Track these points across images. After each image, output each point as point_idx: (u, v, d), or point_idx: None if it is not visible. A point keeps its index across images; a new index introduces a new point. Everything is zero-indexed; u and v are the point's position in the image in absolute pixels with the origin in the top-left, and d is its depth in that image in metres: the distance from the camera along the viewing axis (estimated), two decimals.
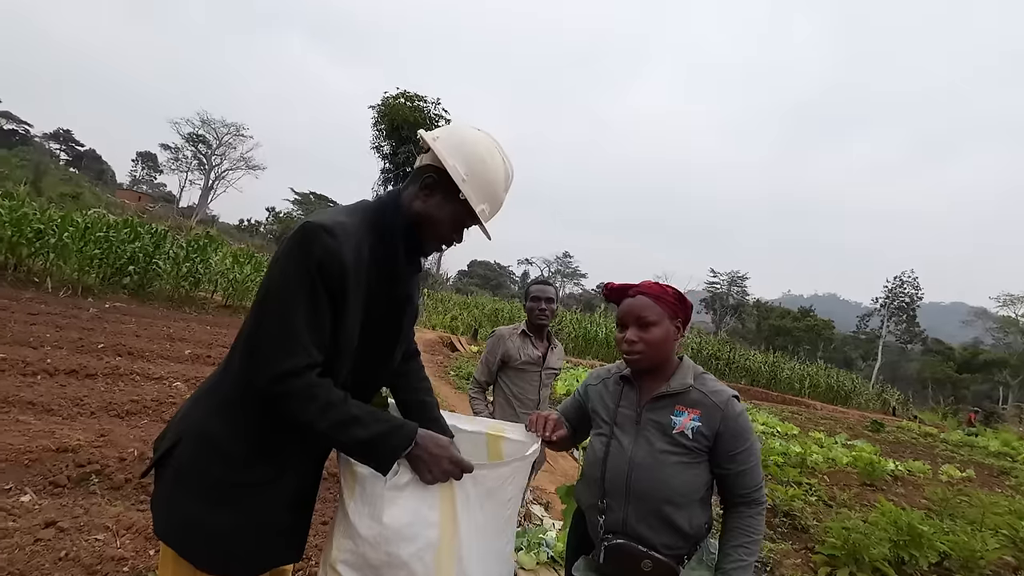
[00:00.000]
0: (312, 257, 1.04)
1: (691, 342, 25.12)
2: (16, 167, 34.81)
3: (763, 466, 6.26)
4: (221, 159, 53.31)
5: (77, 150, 63.99)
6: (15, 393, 4.12)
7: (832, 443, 10.04)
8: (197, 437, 1.11)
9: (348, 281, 1.07)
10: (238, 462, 1.10)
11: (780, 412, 16.04)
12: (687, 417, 1.38)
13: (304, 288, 1.05)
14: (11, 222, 10.06)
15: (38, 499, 2.63)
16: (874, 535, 3.76)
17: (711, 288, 62.00)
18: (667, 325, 1.42)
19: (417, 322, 1.38)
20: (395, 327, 1.26)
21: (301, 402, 1.04)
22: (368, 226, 1.15)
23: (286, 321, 1.04)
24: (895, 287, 50.94)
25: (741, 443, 1.39)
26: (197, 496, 1.09)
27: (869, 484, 7.07)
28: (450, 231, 1.22)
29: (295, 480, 1.16)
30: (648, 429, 1.42)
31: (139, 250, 11.66)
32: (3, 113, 53.41)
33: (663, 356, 1.43)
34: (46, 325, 6.86)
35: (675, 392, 1.41)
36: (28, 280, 9.96)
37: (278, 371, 1.02)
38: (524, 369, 2.56)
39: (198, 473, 1.09)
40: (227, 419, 1.11)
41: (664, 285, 1.46)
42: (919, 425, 18.94)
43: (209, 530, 1.08)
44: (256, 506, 1.11)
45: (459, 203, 1.17)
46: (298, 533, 1.22)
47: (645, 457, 1.39)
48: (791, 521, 4.84)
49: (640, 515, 1.39)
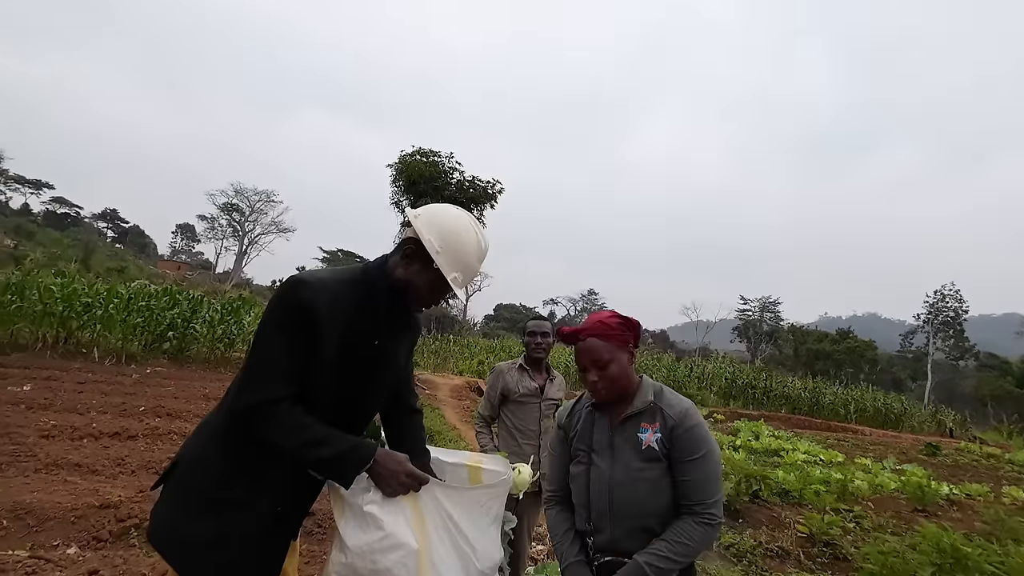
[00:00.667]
0: (289, 306, 1.25)
1: (724, 372, 24.37)
2: (68, 247, 37.44)
3: (800, 495, 6.05)
4: (254, 225, 56.18)
5: (122, 227, 68.39)
6: (64, 456, 4.40)
7: (879, 469, 9.54)
8: (191, 459, 1.31)
9: (321, 328, 1.25)
10: (220, 480, 1.27)
11: (824, 439, 15.29)
12: (651, 432, 1.48)
13: (281, 331, 1.25)
14: (63, 298, 10.82)
15: (82, 552, 2.82)
16: (914, 559, 3.60)
17: (742, 316, 60.52)
18: (621, 357, 1.51)
19: (444, 369, 1.57)
20: (370, 374, 1.40)
21: (273, 425, 1.22)
22: (350, 284, 1.34)
23: (264, 359, 1.25)
24: (936, 301, 48.77)
25: (692, 453, 1.44)
26: (182, 508, 1.27)
27: (921, 510, 6.68)
28: (428, 294, 1.40)
29: (273, 501, 1.30)
30: (622, 449, 1.51)
31: (177, 316, 12.27)
32: (57, 199, 57.92)
33: (624, 384, 1.53)
34: (92, 392, 7.27)
35: (639, 411, 1.51)
36: (77, 351, 10.58)
37: (256, 399, 1.22)
38: (523, 401, 2.67)
39: (185, 489, 1.28)
40: (216, 444, 1.30)
41: (608, 319, 1.54)
42: (980, 446, 17.70)
43: (188, 538, 1.24)
44: (233, 521, 1.26)
45: (434, 271, 1.35)
46: (275, 552, 1.35)
47: (623, 477, 1.47)
48: (831, 551, 4.64)
49: (626, 532, 1.46)
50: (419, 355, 19.91)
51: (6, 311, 10.38)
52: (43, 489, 3.60)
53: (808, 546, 4.71)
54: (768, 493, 6.12)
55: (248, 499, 1.28)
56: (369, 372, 1.40)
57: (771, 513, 5.63)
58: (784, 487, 6.38)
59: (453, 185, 14.26)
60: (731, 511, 5.56)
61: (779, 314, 60.12)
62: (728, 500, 5.69)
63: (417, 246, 1.36)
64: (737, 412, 19.54)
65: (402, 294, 1.38)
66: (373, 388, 1.43)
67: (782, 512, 5.62)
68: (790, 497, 6.24)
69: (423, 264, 1.36)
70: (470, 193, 14.42)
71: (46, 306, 10.66)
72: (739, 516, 5.47)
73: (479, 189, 14.54)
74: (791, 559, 4.45)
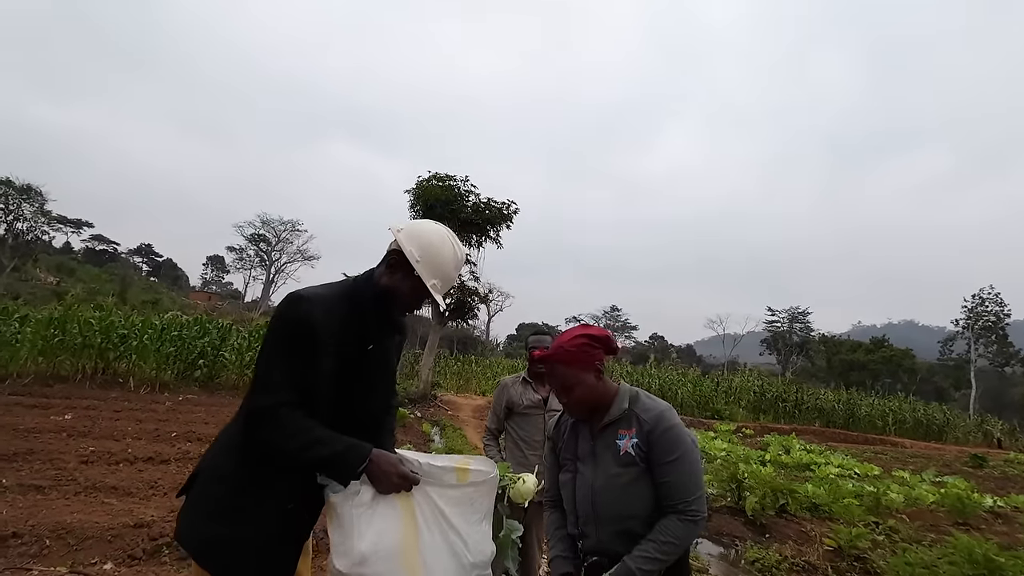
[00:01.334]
0: (289, 320, 1.39)
1: (753, 385, 23.78)
2: (106, 282, 39.20)
3: (830, 509, 5.88)
4: (280, 254, 57.69)
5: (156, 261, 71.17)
6: (101, 480, 4.62)
7: (917, 481, 9.17)
8: (210, 468, 1.44)
9: (318, 337, 1.39)
10: (234, 487, 1.39)
11: (861, 453, 14.74)
12: (628, 438, 1.54)
13: (281, 343, 1.39)
14: (101, 330, 11.35)
15: (118, 568, 2.97)
16: (946, 570, 3.49)
17: (771, 328, 59.08)
18: (585, 378, 1.57)
19: (466, 390, 1.69)
20: (366, 376, 1.53)
21: (274, 428, 1.34)
22: (342, 296, 1.49)
23: (267, 369, 1.38)
24: (976, 306, 46.80)
25: (669, 454, 1.50)
26: (204, 513, 1.39)
27: (962, 523, 6.40)
28: (410, 300, 1.54)
29: (285, 501, 1.42)
30: (603, 457, 1.58)
31: (207, 344, 12.71)
32: (96, 236, 60.76)
33: (594, 402, 1.60)
34: (128, 420, 7.58)
35: (615, 419, 1.58)
36: (114, 381, 11.04)
37: (258, 406, 1.35)
38: (528, 413, 2.74)
39: (206, 496, 1.41)
40: (231, 453, 1.43)
41: (569, 343, 1.57)
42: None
43: (210, 539, 1.37)
44: (250, 521, 1.37)
45: (415, 278, 1.49)
46: (291, 548, 1.46)
47: (604, 482, 1.55)
48: (861, 565, 4.50)
49: (611, 535, 1.53)
50: (441, 376, 20.03)
51: (49, 344, 10.94)
52: (82, 510, 3.80)
53: (837, 560, 4.58)
54: (797, 507, 5.96)
55: (262, 501, 1.39)
56: (364, 373, 1.52)
57: (799, 528, 5.48)
58: (814, 501, 6.20)
59: (469, 207, 14.47)
60: (756, 526, 5.45)
61: (809, 324, 58.48)
62: (753, 514, 5.57)
63: (399, 257, 1.49)
64: (767, 426, 18.99)
65: (387, 300, 1.51)
66: (369, 388, 1.55)
67: (811, 527, 5.47)
68: (820, 511, 6.06)
69: (405, 273, 1.49)
70: (486, 215, 14.60)
71: (85, 338, 11.20)
72: (765, 531, 5.35)
73: (494, 210, 14.71)
74: (818, 574, 4.33)
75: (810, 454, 11.69)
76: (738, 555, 4.72)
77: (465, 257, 1.63)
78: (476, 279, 15.30)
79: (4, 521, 3.45)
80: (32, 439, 5.79)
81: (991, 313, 46.07)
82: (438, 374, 19.05)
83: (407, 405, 12.68)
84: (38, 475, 4.65)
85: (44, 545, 3.23)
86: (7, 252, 38.31)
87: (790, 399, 22.87)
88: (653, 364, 26.38)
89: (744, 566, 4.45)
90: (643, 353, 49.53)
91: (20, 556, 3.11)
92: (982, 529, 6.20)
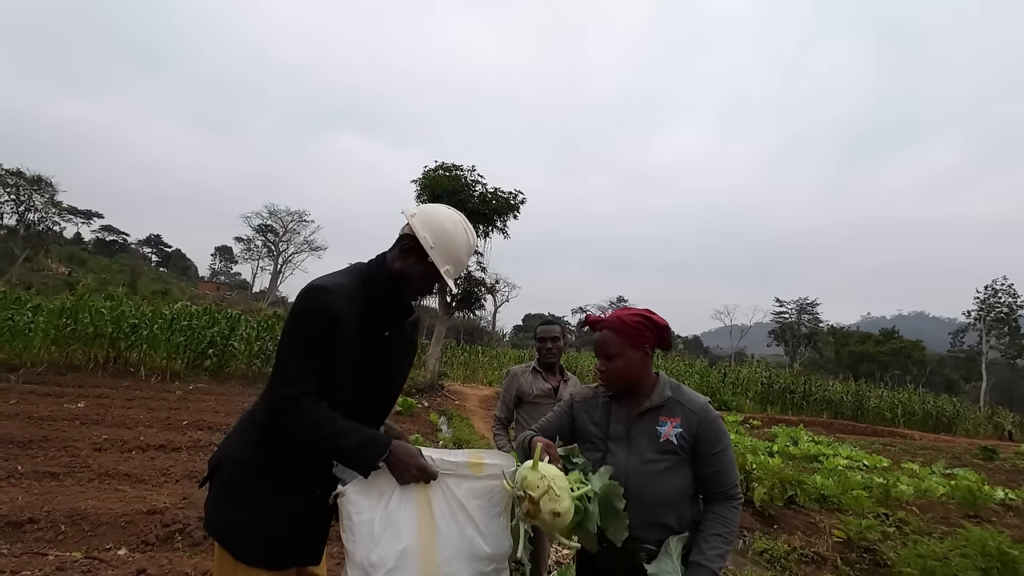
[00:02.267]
0: (310, 311, 1.38)
1: (760, 376, 23.68)
2: (116, 272, 39.60)
3: (838, 500, 5.85)
4: (287, 244, 57.85)
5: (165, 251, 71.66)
6: (115, 467, 4.68)
7: (927, 473, 9.10)
8: (231, 456, 1.44)
9: (342, 327, 1.38)
10: (258, 473, 1.40)
11: (870, 444, 14.67)
12: (670, 426, 1.54)
13: (303, 334, 1.37)
14: (112, 320, 11.47)
15: (131, 553, 3.01)
16: (958, 563, 3.46)
17: (779, 319, 58.70)
18: (630, 354, 1.57)
19: (473, 380, 1.70)
20: (387, 360, 1.54)
21: (297, 420, 1.34)
22: (358, 282, 1.48)
23: (288, 360, 1.37)
24: (988, 297, 46.18)
25: (717, 444, 1.54)
26: (230, 499, 1.40)
27: (973, 515, 6.35)
28: (423, 285, 1.53)
29: (306, 492, 1.42)
30: (639, 440, 1.57)
31: (216, 334, 12.81)
32: (106, 227, 61.22)
33: (631, 380, 1.59)
34: (140, 408, 7.67)
35: (657, 405, 1.58)
36: (125, 370, 11.17)
37: (282, 395, 1.34)
38: (538, 403, 2.72)
39: (230, 481, 1.41)
40: (254, 440, 1.43)
41: (628, 317, 1.60)
42: None
43: (236, 525, 1.38)
44: (274, 511, 1.38)
45: (428, 264, 1.48)
46: (315, 538, 1.48)
47: (638, 466, 1.54)
48: (871, 557, 4.48)
49: (638, 518, 1.50)
50: (448, 366, 20.12)
51: (62, 334, 11.07)
52: (96, 497, 3.85)
53: (846, 552, 4.56)
54: (805, 499, 5.94)
55: (285, 489, 1.40)
56: (383, 359, 1.53)
57: (808, 519, 5.46)
58: (823, 492, 6.18)
59: (476, 198, 14.39)
60: (765, 517, 5.43)
61: (818, 316, 58.05)
62: (761, 505, 5.55)
63: (413, 242, 1.48)
64: (775, 418, 18.93)
65: (400, 285, 1.51)
66: (387, 374, 1.56)
67: (819, 518, 5.45)
68: (829, 503, 6.03)
69: (418, 258, 1.48)
70: (493, 205, 14.51)
71: (97, 328, 11.32)
72: (773, 522, 5.33)
73: (501, 200, 14.61)
74: (827, 565, 4.32)
75: (818, 445, 11.64)
76: (746, 546, 4.71)
77: (476, 244, 1.61)
78: (483, 269, 15.26)
79: (20, 507, 3.51)
80: (46, 427, 5.88)
81: (1004, 304, 45.45)
82: (445, 364, 19.12)
83: (414, 395, 12.74)
84: (53, 462, 4.72)
85: (59, 531, 3.28)
86: (19, 242, 38.76)
87: (798, 390, 22.77)
88: (660, 355, 26.29)
89: (752, 557, 4.44)
90: None
91: (36, 541, 3.16)
92: (993, 521, 6.15)
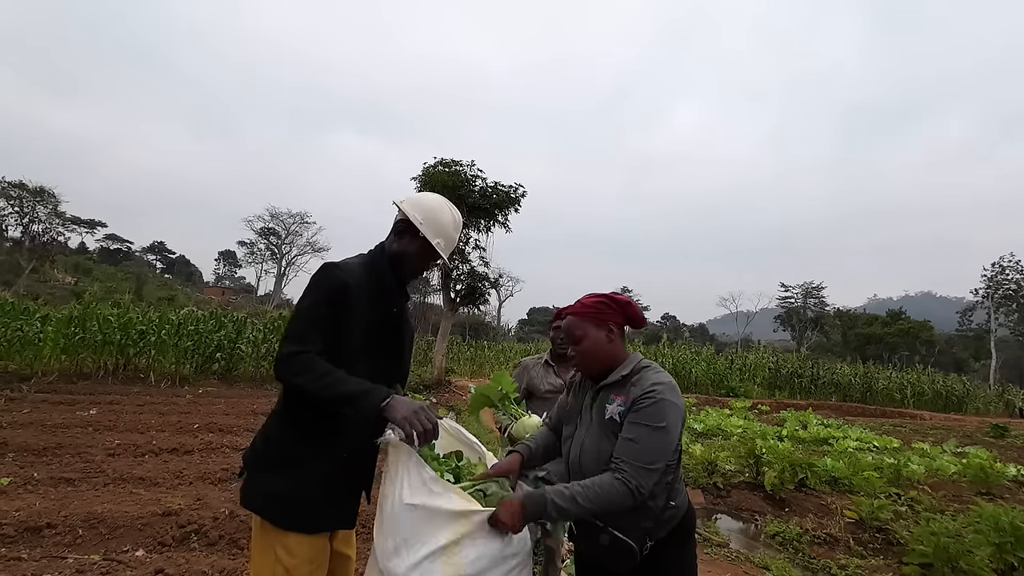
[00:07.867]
0: (323, 285, 1.54)
1: (767, 362, 23.59)
2: (121, 280, 39.82)
3: (849, 482, 5.84)
4: (290, 247, 57.93)
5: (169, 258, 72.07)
6: (129, 471, 4.73)
7: (938, 452, 9.08)
8: (266, 431, 1.59)
9: (350, 296, 1.53)
10: (289, 443, 1.53)
11: (879, 426, 14.62)
12: (616, 404, 1.51)
13: (314, 302, 1.52)
14: (120, 327, 11.56)
15: (149, 555, 3.05)
16: (971, 539, 3.45)
17: (785, 304, 58.42)
18: (594, 334, 1.59)
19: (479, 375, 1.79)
20: (395, 334, 1.70)
21: (301, 370, 1.45)
22: (365, 266, 1.64)
23: (299, 323, 1.52)
24: (996, 275, 45.79)
25: (644, 419, 1.43)
26: (264, 470, 1.53)
27: (985, 493, 6.33)
28: (419, 261, 1.69)
29: (334, 459, 1.54)
30: (592, 417, 1.59)
31: (224, 338, 12.88)
32: (110, 236, 61.57)
33: (600, 360, 1.59)
34: (151, 413, 7.74)
35: (611, 383, 1.56)
36: (135, 377, 11.26)
37: (286, 352, 1.47)
38: (548, 398, 2.63)
39: (265, 455, 1.55)
40: (284, 416, 1.57)
41: (587, 299, 1.65)
42: None
43: (274, 494, 1.49)
44: (305, 476, 1.50)
45: (421, 239, 1.65)
46: (347, 504, 1.61)
47: (588, 442, 1.56)
48: (884, 536, 4.48)
49: None
50: (455, 362, 20.16)
51: (71, 343, 11.17)
52: (112, 501, 3.90)
53: (859, 532, 4.56)
54: (816, 481, 5.93)
55: (315, 457, 1.52)
56: (396, 332, 1.70)
57: (819, 501, 5.46)
58: (833, 475, 6.17)
59: (476, 192, 14.34)
60: (776, 500, 5.44)
61: (824, 299, 57.70)
62: (772, 489, 5.55)
63: (405, 223, 1.66)
64: (783, 403, 18.88)
65: (399, 265, 1.68)
66: (401, 345, 1.72)
67: (831, 500, 5.45)
68: (840, 485, 6.02)
69: (412, 235, 1.66)
70: (493, 199, 14.44)
71: (105, 336, 11.41)
72: (785, 505, 5.34)
73: (502, 194, 14.54)
74: (840, 545, 4.32)
75: (828, 428, 11.62)
76: (758, 529, 4.72)
77: (463, 221, 1.85)
78: (486, 264, 15.21)
79: (38, 512, 3.55)
80: (60, 434, 5.94)
81: (1012, 281, 45.07)
82: (451, 360, 19.15)
83: (422, 391, 12.78)
84: (68, 468, 4.78)
85: (77, 535, 3.32)
86: (25, 254, 38.98)
87: (806, 375, 22.69)
88: (666, 344, 26.24)
89: (764, 539, 4.45)
90: (655, 333, 49.31)
91: (55, 545, 3.20)
92: (1006, 498, 6.13)
